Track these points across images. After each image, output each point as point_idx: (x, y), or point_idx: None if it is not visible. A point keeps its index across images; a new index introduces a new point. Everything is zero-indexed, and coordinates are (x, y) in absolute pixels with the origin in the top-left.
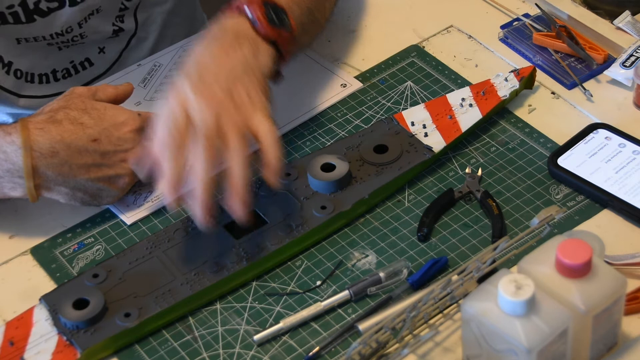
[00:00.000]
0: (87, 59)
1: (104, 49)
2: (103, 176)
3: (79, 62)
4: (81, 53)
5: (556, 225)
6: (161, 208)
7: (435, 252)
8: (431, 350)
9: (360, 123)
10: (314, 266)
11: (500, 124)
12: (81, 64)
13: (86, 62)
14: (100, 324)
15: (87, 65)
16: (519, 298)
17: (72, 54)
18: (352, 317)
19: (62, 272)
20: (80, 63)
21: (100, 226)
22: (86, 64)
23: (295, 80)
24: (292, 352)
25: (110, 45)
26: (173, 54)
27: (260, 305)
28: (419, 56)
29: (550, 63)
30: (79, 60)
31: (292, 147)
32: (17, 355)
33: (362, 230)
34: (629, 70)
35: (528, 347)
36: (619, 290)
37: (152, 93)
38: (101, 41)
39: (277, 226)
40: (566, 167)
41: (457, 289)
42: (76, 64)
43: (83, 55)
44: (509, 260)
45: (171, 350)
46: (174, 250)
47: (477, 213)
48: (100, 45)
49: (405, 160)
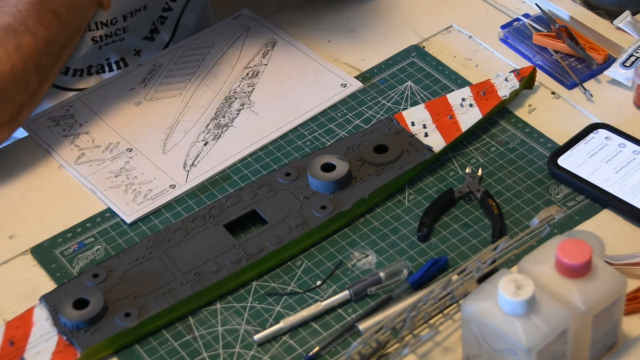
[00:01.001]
0: (122, 59)
1: (139, 52)
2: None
3: (114, 61)
4: (119, 52)
5: (556, 225)
6: (161, 208)
7: (435, 252)
8: (431, 350)
9: (360, 123)
10: (314, 266)
11: (500, 124)
12: (116, 63)
13: (121, 62)
14: (100, 324)
15: (122, 65)
16: (518, 298)
17: (110, 52)
18: (352, 317)
19: (62, 272)
20: (116, 62)
21: (100, 226)
22: (121, 64)
23: (295, 80)
24: (292, 352)
25: (145, 49)
26: (173, 54)
27: (260, 305)
28: (419, 56)
29: (550, 63)
30: (115, 60)
31: (292, 147)
32: (17, 355)
33: (362, 230)
34: (629, 70)
35: (528, 347)
36: (619, 290)
37: (152, 93)
38: (138, 42)
39: (277, 226)
40: (566, 167)
41: (457, 289)
42: (112, 62)
43: (120, 54)
44: (509, 260)
45: (171, 350)
46: (174, 250)
47: (477, 213)
48: (137, 47)
49: (405, 160)
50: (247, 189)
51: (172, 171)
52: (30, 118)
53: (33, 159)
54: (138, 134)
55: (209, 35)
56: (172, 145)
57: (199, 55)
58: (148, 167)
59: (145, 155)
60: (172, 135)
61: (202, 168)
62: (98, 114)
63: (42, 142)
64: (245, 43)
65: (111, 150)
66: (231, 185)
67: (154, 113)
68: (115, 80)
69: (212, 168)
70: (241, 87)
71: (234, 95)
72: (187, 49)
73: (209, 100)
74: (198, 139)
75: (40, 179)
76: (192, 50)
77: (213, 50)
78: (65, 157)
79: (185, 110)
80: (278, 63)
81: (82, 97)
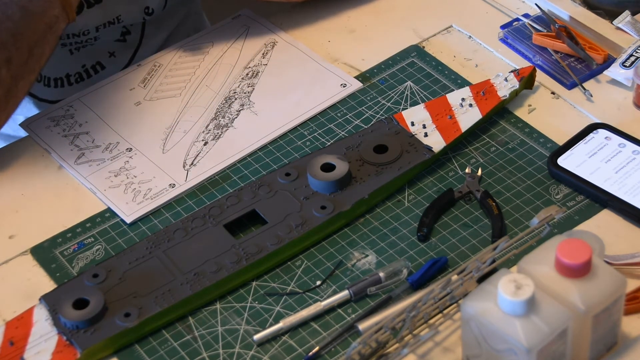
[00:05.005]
0: (98, 63)
1: (114, 53)
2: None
3: (90, 66)
4: (92, 57)
5: (556, 225)
6: (161, 208)
7: (435, 252)
8: (431, 350)
9: (360, 123)
10: (314, 266)
11: (500, 124)
12: (93, 68)
13: (98, 66)
14: (100, 324)
15: (98, 69)
16: (518, 298)
17: (84, 59)
18: (352, 317)
19: (62, 272)
20: (92, 67)
21: (100, 226)
22: (98, 68)
23: (295, 80)
24: (292, 352)
25: (119, 50)
26: (173, 54)
27: (260, 305)
28: (419, 56)
29: (550, 63)
30: (91, 64)
31: (292, 147)
32: (17, 355)
33: (362, 230)
34: (628, 70)
35: (528, 347)
36: (619, 290)
37: (152, 93)
38: (110, 44)
39: (276, 226)
40: (566, 167)
41: (456, 289)
42: (88, 68)
43: (94, 59)
44: (508, 260)
45: (171, 350)
46: (174, 250)
47: (477, 213)
48: (110, 49)
49: (405, 160)
50: (247, 189)
51: (171, 170)
52: (30, 118)
53: (33, 159)
54: (138, 134)
55: (209, 35)
56: (171, 145)
57: (199, 55)
58: (147, 166)
59: (145, 154)
60: (171, 135)
61: (201, 168)
62: (98, 114)
63: (42, 142)
64: (245, 43)
65: (111, 150)
66: (231, 185)
67: (154, 113)
68: (115, 80)
69: (212, 168)
70: (241, 87)
71: (234, 95)
72: (187, 49)
73: (208, 100)
74: (198, 139)
75: (40, 179)
76: (192, 50)
77: (213, 50)
78: (65, 157)
79: (185, 110)
80: (278, 63)
81: (82, 97)
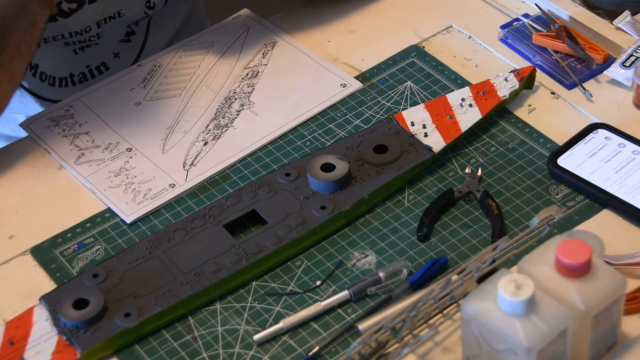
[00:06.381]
0: (102, 63)
1: (118, 54)
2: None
3: (95, 66)
4: (97, 58)
5: (556, 225)
6: (161, 208)
7: (435, 252)
8: (431, 350)
9: (360, 123)
10: (314, 266)
11: (500, 124)
12: (97, 69)
13: (102, 67)
14: (100, 324)
15: (103, 70)
16: (518, 298)
17: (88, 59)
18: (352, 317)
19: (62, 272)
20: (97, 67)
21: (100, 226)
22: (102, 68)
23: (295, 81)
24: (292, 352)
25: (124, 51)
26: (173, 54)
27: (260, 305)
28: (418, 56)
29: (550, 63)
30: (95, 65)
31: (292, 147)
32: (17, 355)
33: (362, 230)
34: (628, 70)
35: (528, 347)
36: (619, 290)
37: (152, 93)
38: (115, 45)
39: (276, 226)
40: (566, 167)
41: (456, 289)
42: (92, 68)
43: (99, 59)
44: (508, 260)
45: (171, 350)
46: (174, 250)
47: (477, 213)
48: (114, 50)
49: (405, 160)
50: (247, 189)
51: (171, 170)
52: (30, 118)
53: (33, 159)
54: (138, 134)
55: (209, 35)
56: (171, 145)
57: (198, 55)
58: (147, 166)
59: (145, 154)
60: (171, 135)
61: (201, 168)
62: (98, 114)
63: (42, 142)
64: (245, 43)
65: (111, 150)
66: (231, 185)
67: (154, 113)
68: (115, 80)
69: (212, 168)
70: (241, 87)
71: (234, 95)
72: (187, 49)
73: (208, 101)
74: (198, 139)
75: (40, 179)
76: (192, 51)
77: (213, 51)
78: (65, 157)
79: (185, 110)
80: (278, 63)
81: (82, 97)
